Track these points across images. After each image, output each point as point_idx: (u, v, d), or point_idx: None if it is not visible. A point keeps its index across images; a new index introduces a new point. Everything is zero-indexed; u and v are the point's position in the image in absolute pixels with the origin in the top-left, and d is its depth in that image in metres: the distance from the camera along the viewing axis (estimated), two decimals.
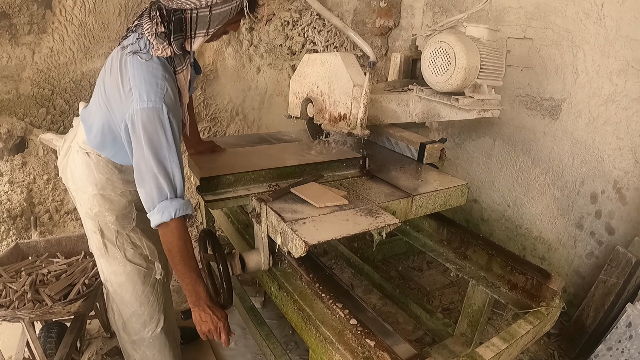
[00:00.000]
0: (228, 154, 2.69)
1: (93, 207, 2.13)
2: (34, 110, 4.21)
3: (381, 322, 1.81)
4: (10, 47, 4.00)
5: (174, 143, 1.76)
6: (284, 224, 1.88)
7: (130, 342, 2.47)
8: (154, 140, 1.72)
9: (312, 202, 2.06)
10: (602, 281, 3.08)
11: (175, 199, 1.79)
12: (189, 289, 1.89)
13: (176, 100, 1.81)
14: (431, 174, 2.69)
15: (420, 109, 2.84)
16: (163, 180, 1.75)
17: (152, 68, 1.76)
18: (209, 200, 2.16)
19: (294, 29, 4.37)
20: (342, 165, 2.61)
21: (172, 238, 1.81)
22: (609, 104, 3.04)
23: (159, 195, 1.77)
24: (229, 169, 2.31)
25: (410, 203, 2.33)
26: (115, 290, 2.33)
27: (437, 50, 2.60)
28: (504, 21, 3.55)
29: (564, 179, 3.39)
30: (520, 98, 3.56)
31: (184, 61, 1.91)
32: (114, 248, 2.20)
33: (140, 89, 1.72)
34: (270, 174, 2.37)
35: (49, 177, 4.10)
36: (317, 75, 2.61)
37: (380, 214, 2.05)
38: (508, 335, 1.99)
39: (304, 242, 1.73)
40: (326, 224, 1.90)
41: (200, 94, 4.59)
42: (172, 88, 1.79)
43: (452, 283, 3.96)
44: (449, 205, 2.52)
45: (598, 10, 3.00)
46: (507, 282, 2.38)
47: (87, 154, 2.08)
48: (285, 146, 2.95)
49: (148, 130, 1.71)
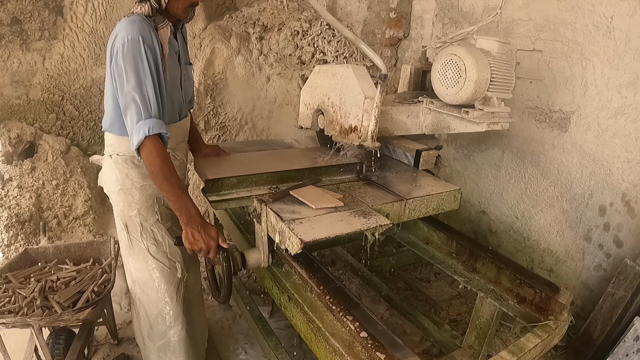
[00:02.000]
0: (232, 158, 2.78)
1: (118, 204, 2.32)
2: (43, 115, 4.24)
3: (391, 335, 1.80)
4: (21, 53, 4.04)
5: (149, 70, 1.99)
6: (282, 223, 1.97)
7: (157, 349, 2.55)
8: (133, 67, 1.96)
9: (309, 203, 2.16)
10: (610, 294, 3.06)
11: (150, 118, 1.98)
12: (177, 207, 2.05)
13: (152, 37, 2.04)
14: (426, 180, 2.72)
15: (430, 121, 2.85)
16: (140, 103, 1.97)
17: (132, 18, 2.03)
18: (212, 201, 2.28)
19: (303, 38, 4.39)
20: (340, 170, 2.70)
21: (151, 157, 1.98)
22: (618, 117, 3.04)
23: (137, 118, 1.97)
24: (232, 172, 2.43)
25: (403, 206, 2.39)
26: (143, 290, 2.45)
27: (448, 63, 2.61)
28: (514, 33, 3.55)
29: (572, 191, 3.38)
30: (530, 110, 3.55)
31: (163, 21, 2.14)
32: (138, 243, 2.35)
33: (121, 31, 1.99)
34: (271, 177, 2.48)
35: (57, 183, 4.12)
36: (328, 87, 2.62)
37: (373, 215, 2.13)
38: (517, 348, 1.98)
39: (300, 240, 1.83)
40: (321, 224, 2.00)
41: (209, 103, 4.61)
42: (148, 29, 2.03)
43: (460, 295, 3.95)
44: (442, 209, 2.57)
45: (607, 23, 3.01)
46: (516, 295, 2.37)
47: (110, 156, 2.29)
48: (287, 152, 3.04)
49: (127, 59, 1.96)
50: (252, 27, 4.61)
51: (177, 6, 2.13)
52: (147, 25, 2.05)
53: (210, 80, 4.58)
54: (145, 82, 1.98)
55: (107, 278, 2.87)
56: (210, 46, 4.51)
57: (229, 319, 3.57)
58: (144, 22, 2.04)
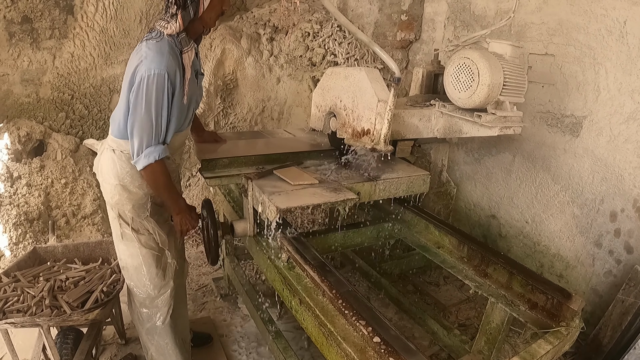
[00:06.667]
0: (227, 143, 3.06)
1: (114, 196, 2.43)
2: (53, 114, 4.25)
3: (404, 340, 1.79)
4: (31, 51, 4.04)
5: (167, 104, 2.16)
6: (263, 195, 2.30)
7: (145, 332, 2.71)
8: (153, 100, 2.11)
9: (289, 180, 2.48)
10: (620, 300, 3.04)
11: (159, 145, 2.21)
12: (172, 203, 2.44)
13: (177, 71, 2.18)
14: (400, 166, 2.94)
15: (442, 124, 2.84)
16: (154, 131, 2.17)
17: (160, 48, 2.14)
18: (207, 177, 2.60)
19: (314, 40, 4.38)
20: (320, 155, 2.99)
21: (155, 177, 2.26)
22: (630, 122, 3.02)
23: (147, 143, 2.18)
24: (225, 154, 2.78)
25: (373, 186, 2.63)
26: (132, 274, 2.60)
27: (461, 67, 2.60)
28: (526, 37, 3.53)
29: (583, 196, 3.36)
30: (541, 114, 3.53)
31: (189, 44, 2.27)
32: (129, 233, 2.50)
33: (148, 60, 2.10)
34: (259, 159, 2.80)
35: (66, 181, 4.13)
36: (341, 89, 2.62)
37: (343, 191, 2.42)
38: (528, 355, 1.97)
39: (276, 207, 2.16)
40: (297, 196, 2.33)
41: (219, 103, 4.61)
42: (175, 62, 2.16)
43: (469, 299, 3.93)
44: (412, 191, 2.82)
45: (620, 28, 2.99)
46: (527, 301, 2.35)
47: (113, 150, 2.39)
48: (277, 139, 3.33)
49: (149, 92, 2.09)
50: (262, 28, 4.60)
51: (210, 16, 2.26)
52: (174, 54, 2.18)
53: (220, 81, 4.58)
54: (162, 114, 2.16)
55: (116, 278, 2.88)
56: (220, 47, 4.51)
57: (237, 319, 3.57)
58: (171, 52, 2.16)
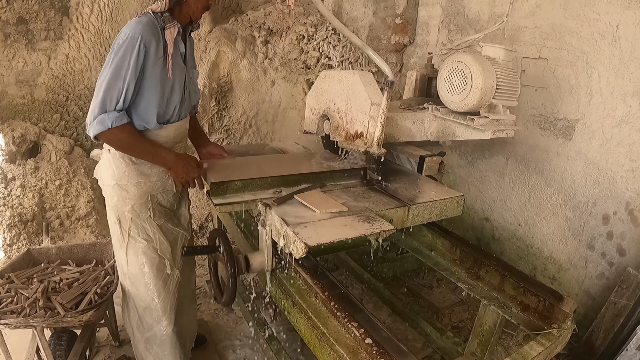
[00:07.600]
0: (236, 161, 2.76)
1: (112, 198, 2.36)
2: (47, 115, 4.25)
3: (396, 342, 1.81)
4: (26, 52, 4.04)
5: (134, 67, 2.05)
6: (286, 227, 1.98)
7: (144, 341, 2.61)
8: (118, 61, 2.03)
9: (314, 208, 2.17)
10: (613, 303, 3.06)
11: (113, 111, 2.07)
12: (156, 161, 2.29)
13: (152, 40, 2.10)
14: (429, 185, 2.74)
15: (435, 127, 2.85)
16: (115, 95, 2.06)
17: (140, 18, 2.11)
18: (217, 204, 2.24)
19: (309, 43, 4.39)
20: (344, 175, 2.68)
21: (119, 142, 2.17)
22: (622, 126, 3.04)
23: (101, 108, 2.06)
24: (237, 175, 2.40)
25: (406, 212, 2.40)
26: (132, 282, 2.50)
27: (454, 70, 2.62)
28: (519, 41, 3.56)
29: (576, 199, 3.38)
30: (534, 118, 3.56)
31: (172, 22, 2.19)
32: (129, 238, 2.40)
33: (125, 28, 2.07)
34: (275, 181, 2.46)
35: (60, 183, 4.12)
36: (334, 92, 2.62)
37: (377, 220, 2.13)
38: (520, 356, 1.98)
39: (304, 244, 1.84)
40: (325, 228, 2.01)
41: (214, 106, 4.61)
42: (152, 30, 2.09)
43: (462, 301, 3.94)
44: (445, 215, 2.58)
45: (613, 32, 3.01)
46: (519, 303, 2.37)
47: (108, 150, 2.32)
48: (291, 156, 3.08)
49: (120, 51, 2.03)
50: (257, 31, 4.60)
51: (197, 5, 2.23)
52: (153, 25, 2.12)
53: (215, 84, 4.58)
54: (126, 77, 2.05)
55: (110, 280, 2.88)
56: (215, 49, 4.51)
57: (230, 321, 3.57)
58: (150, 23, 2.10)
